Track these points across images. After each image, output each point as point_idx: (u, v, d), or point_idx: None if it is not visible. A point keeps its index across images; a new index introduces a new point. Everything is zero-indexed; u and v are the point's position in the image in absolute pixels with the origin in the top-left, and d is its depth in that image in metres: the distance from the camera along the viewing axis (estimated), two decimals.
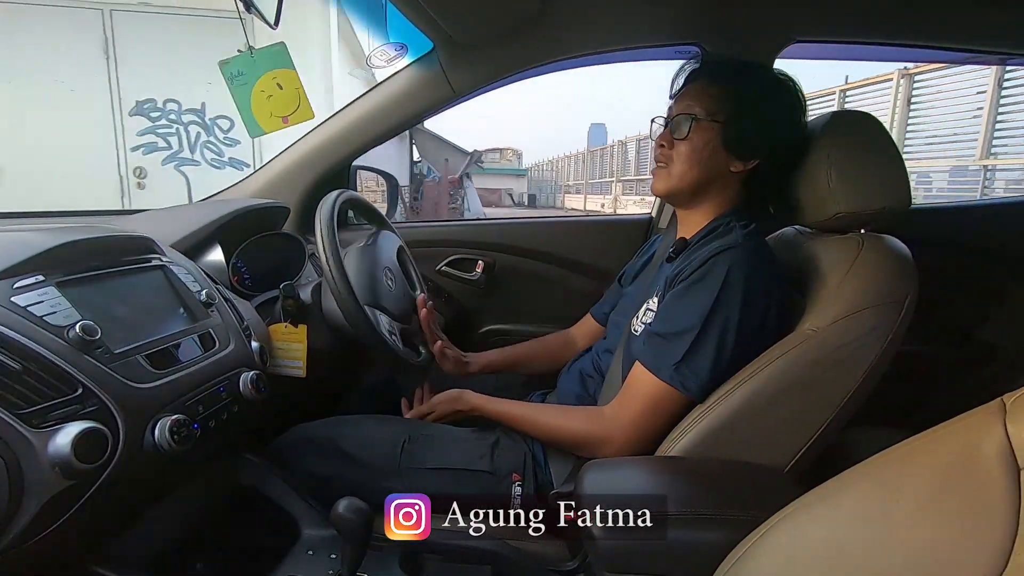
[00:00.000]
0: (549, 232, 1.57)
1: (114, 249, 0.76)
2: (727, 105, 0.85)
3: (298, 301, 0.99)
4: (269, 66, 1.03)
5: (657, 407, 0.80)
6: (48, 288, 0.63)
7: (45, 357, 0.57)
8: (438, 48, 1.24)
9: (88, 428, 0.56)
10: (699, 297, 0.78)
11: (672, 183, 0.89)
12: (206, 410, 0.73)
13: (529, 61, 1.26)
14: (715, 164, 0.86)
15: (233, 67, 1.02)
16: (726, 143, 0.85)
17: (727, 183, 0.88)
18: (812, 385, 0.73)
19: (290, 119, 1.05)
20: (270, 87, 1.04)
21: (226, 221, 1.06)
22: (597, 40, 1.25)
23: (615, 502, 0.64)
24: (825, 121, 0.85)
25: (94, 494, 0.58)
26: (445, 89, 1.27)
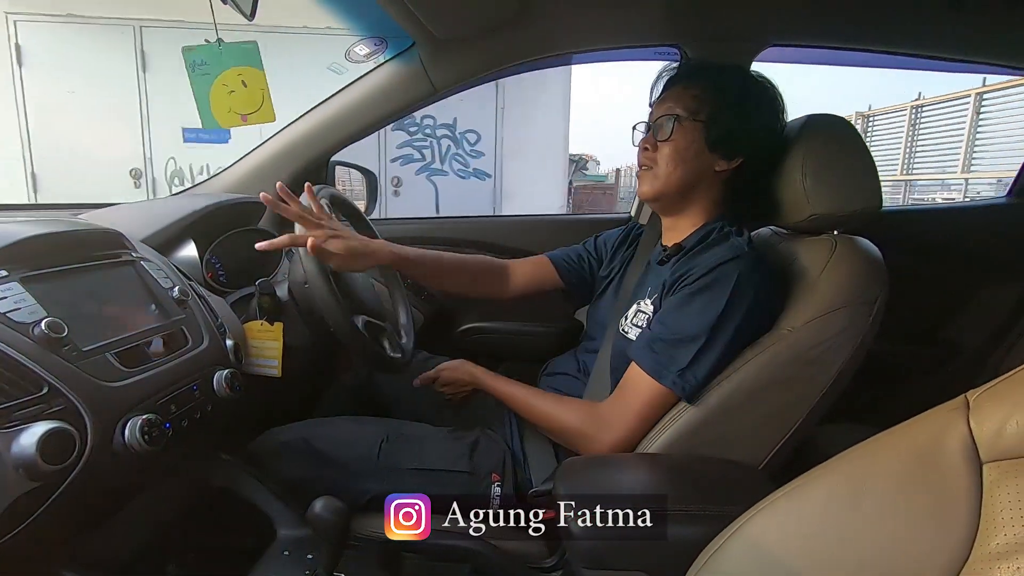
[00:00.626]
0: (530, 230, 1.57)
1: (83, 244, 0.73)
2: (708, 104, 0.85)
3: (274, 298, 0.97)
4: (236, 62, 1.01)
5: (655, 410, 0.79)
6: (12, 284, 0.60)
7: (8, 355, 0.55)
8: (418, 44, 1.23)
9: (54, 428, 0.54)
10: (708, 305, 0.77)
11: (658, 185, 0.88)
12: (178, 409, 0.71)
13: (510, 58, 1.26)
14: (700, 164, 0.86)
15: (196, 55, 0.99)
16: (709, 141, 0.85)
17: (712, 183, 0.88)
18: (787, 383, 0.75)
19: (249, 118, 1.02)
20: (234, 83, 1.01)
21: (200, 216, 1.04)
22: (578, 39, 1.26)
23: (593, 500, 0.64)
24: (800, 124, 0.87)
25: (60, 496, 0.56)
26: (425, 85, 1.26)
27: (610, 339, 0.93)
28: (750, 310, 0.77)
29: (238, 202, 1.16)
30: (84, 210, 1.06)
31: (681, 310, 0.80)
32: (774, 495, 0.52)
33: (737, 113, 0.85)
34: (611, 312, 0.97)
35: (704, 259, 0.81)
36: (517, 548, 0.84)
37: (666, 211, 0.94)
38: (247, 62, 1.02)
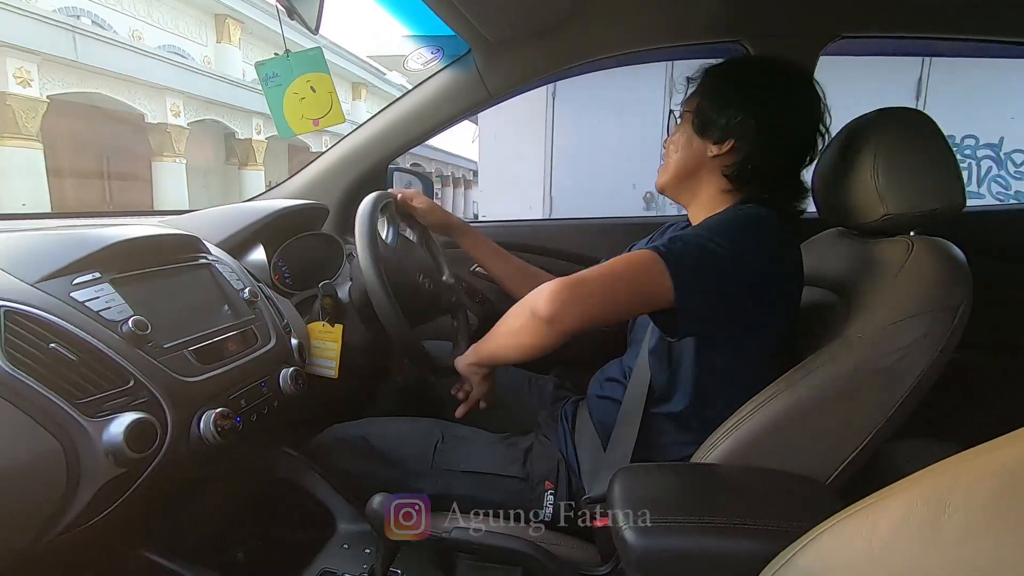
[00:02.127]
0: (583, 232, 1.56)
1: (165, 248, 0.79)
2: (697, 95, 0.90)
3: (335, 300, 1.01)
4: (304, 69, 1.06)
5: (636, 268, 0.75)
6: (104, 284, 0.66)
7: (100, 350, 0.60)
8: (473, 50, 1.25)
9: (139, 419, 0.58)
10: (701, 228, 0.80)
11: (665, 176, 0.94)
12: (248, 404, 0.76)
13: (565, 61, 1.26)
14: (694, 150, 0.89)
15: (268, 69, 1.04)
16: (696, 128, 0.89)
17: (712, 169, 0.89)
18: (856, 394, 0.70)
19: (320, 122, 1.07)
20: (303, 90, 1.06)
21: (268, 221, 1.09)
22: (634, 39, 1.24)
23: (648, 507, 0.63)
24: (871, 119, 0.82)
25: (143, 482, 0.61)
26: (481, 91, 1.28)
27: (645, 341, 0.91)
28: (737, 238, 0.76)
29: (303, 208, 1.21)
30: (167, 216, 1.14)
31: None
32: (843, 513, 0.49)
33: (718, 98, 0.87)
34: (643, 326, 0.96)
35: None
36: (570, 554, 0.83)
37: (680, 200, 0.96)
38: (314, 68, 1.06)
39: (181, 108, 9.59)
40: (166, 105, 9.31)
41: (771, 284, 0.78)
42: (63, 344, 0.57)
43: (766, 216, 0.80)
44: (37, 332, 0.56)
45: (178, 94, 9.41)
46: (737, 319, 0.78)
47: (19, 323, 0.55)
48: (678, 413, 0.84)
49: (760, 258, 0.77)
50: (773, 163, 0.86)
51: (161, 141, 9.52)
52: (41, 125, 7.42)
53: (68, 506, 0.55)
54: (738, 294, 0.76)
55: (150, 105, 9.12)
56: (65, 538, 0.55)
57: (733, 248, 0.75)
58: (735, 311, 0.77)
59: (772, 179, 0.86)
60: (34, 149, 7.49)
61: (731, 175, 0.87)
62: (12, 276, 0.60)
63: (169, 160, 9.65)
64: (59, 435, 0.54)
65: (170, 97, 9.31)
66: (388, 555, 0.73)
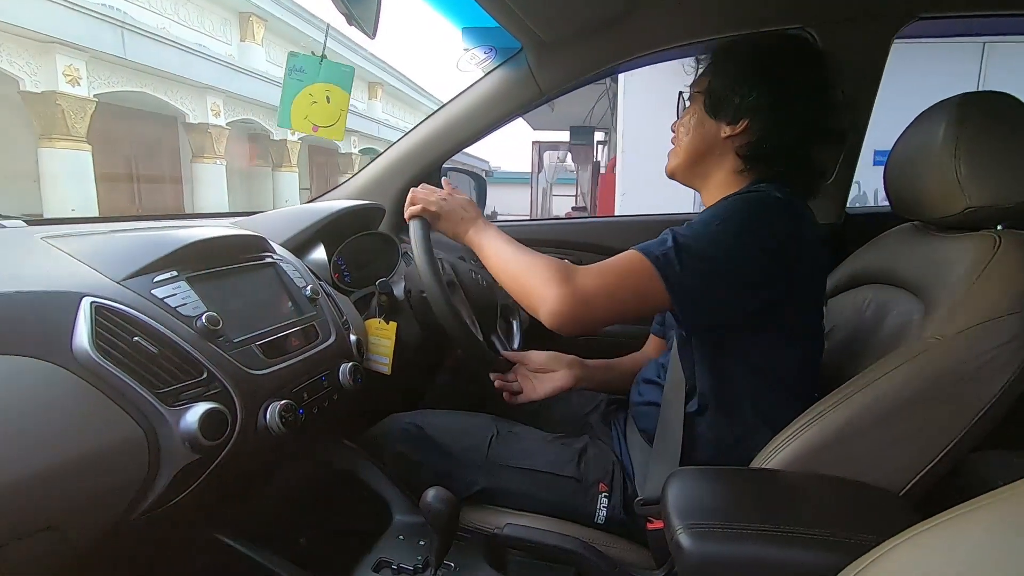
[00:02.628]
0: (636, 230, 1.53)
1: (234, 247, 0.83)
2: (707, 75, 0.88)
3: (392, 297, 1.04)
4: (329, 79, 1.10)
5: (626, 273, 0.74)
6: (181, 283, 0.70)
7: (177, 343, 0.64)
8: (526, 48, 1.25)
9: (212, 408, 0.62)
10: (707, 218, 0.77)
11: (673, 160, 0.92)
12: (310, 397, 0.79)
13: (619, 56, 1.24)
14: (706, 132, 0.87)
15: (298, 62, 1.09)
16: (707, 108, 0.87)
17: (724, 150, 0.87)
18: (935, 400, 0.66)
19: (320, 130, 1.12)
20: (319, 95, 1.10)
21: (328, 221, 1.14)
22: (691, 30, 1.20)
23: (705, 512, 0.61)
24: (953, 103, 0.76)
25: (215, 468, 0.65)
26: (533, 89, 1.28)
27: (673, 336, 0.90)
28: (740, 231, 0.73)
29: (361, 208, 1.25)
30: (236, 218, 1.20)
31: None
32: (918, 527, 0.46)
33: (729, 77, 0.85)
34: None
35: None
36: (623, 556, 0.82)
37: (692, 185, 0.94)
38: (338, 82, 1.11)
39: (221, 107, 9.47)
40: (207, 104, 9.16)
41: (780, 269, 0.74)
42: (145, 337, 0.61)
43: (772, 198, 0.77)
44: (122, 326, 0.60)
45: (219, 93, 9.26)
46: (746, 307, 0.76)
47: (107, 317, 0.59)
48: (713, 411, 0.82)
49: (763, 245, 0.73)
50: (787, 141, 0.83)
51: (201, 142, 9.38)
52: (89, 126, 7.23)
53: (150, 488, 0.59)
54: (740, 283, 0.74)
55: (191, 104, 8.95)
56: (148, 517, 0.59)
57: (730, 238, 0.73)
58: (741, 300, 0.75)
59: (786, 158, 0.84)
60: (83, 151, 7.29)
61: (745, 155, 0.84)
62: (101, 274, 0.65)
63: (209, 161, 9.51)
64: (142, 422, 0.58)
65: (211, 96, 9.16)
66: (442, 548, 0.74)
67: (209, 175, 9.72)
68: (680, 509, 0.61)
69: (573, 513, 0.86)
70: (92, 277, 0.65)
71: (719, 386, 0.81)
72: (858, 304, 0.92)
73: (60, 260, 0.67)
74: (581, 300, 0.73)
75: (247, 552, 0.74)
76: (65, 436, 0.52)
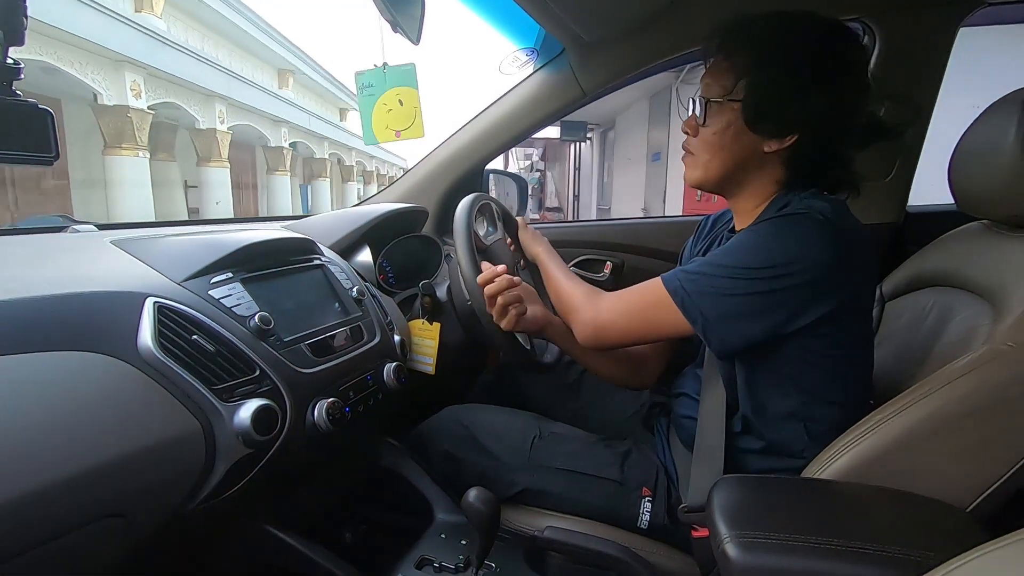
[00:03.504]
0: (677, 231, 1.50)
1: (285, 250, 0.86)
2: (743, 78, 0.73)
3: (434, 299, 1.05)
4: (396, 83, 1.12)
5: (645, 301, 0.78)
6: (235, 284, 0.73)
7: (232, 342, 0.67)
8: (568, 50, 1.24)
9: (264, 405, 0.64)
10: (739, 243, 0.73)
11: (699, 173, 0.81)
12: (356, 396, 0.81)
13: (662, 53, 1.22)
14: (742, 147, 0.76)
15: (366, 79, 1.12)
16: (749, 122, 0.74)
17: (765, 163, 0.77)
18: (1006, 411, 0.61)
19: (402, 134, 1.14)
20: (392, 102, 1.13)
21: (374, 224, 1.16)
22: None
23: (754, 522, 0.59)
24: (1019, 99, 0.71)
25: (267, 462, 0.67)
26: (575, 90, 1.28)
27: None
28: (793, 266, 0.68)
29: (405, 211, 1.27)
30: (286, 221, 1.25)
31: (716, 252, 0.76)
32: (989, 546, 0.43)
33: (778, 85, 0.72)
34: None
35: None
36: (666, 564, 0.80)
37: (724, 196, 0.85)
38: (405, 82, 1.13)
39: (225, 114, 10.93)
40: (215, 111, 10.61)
41: (823, 297, 0.69)
42: (203, 336, 0.64)
43: (818, 221, 0.69)
44: (183, 325, 0.63)
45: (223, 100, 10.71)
46: (781, 332, 0.71)
47: (168, 317, 0.63)
48: (757, 429, 0.78)
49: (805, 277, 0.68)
50: (840, 148, 0.76)
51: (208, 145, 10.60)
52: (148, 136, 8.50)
53: (207, 480, 0.62)
54: (774, 313, 0.70)
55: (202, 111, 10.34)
56: (205, 507, 0.62)
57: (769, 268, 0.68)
58: (776, 328, 0.70)
59: (834, 164, 0.77)
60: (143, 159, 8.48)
61: (793, 167, 0.77)
62: (163, 275, 0.69)
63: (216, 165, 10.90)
64: (199, 416, 0.61)
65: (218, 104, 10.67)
66: (483, 548, 0.74)
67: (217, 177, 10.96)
68: (727, 518, 0.59)
69: (615, 517, 0.85)
70: (155, 278, 0.68)
71: (761, 405, 0.78)
72: (919, 308, 0.87)
73: (126, 262, 0.71)
74: (600, 327, 0.82)
75: (295, 544, 0.77)
76: (131, 428, 0.55)
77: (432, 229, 1.41)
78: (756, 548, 0.56)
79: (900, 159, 1.18)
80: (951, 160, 0.80)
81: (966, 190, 0.79)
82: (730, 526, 0.58)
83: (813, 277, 0.68)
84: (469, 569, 0.77)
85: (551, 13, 1.06)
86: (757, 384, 0.78)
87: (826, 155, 0.76)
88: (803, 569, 0.55)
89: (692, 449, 0.83)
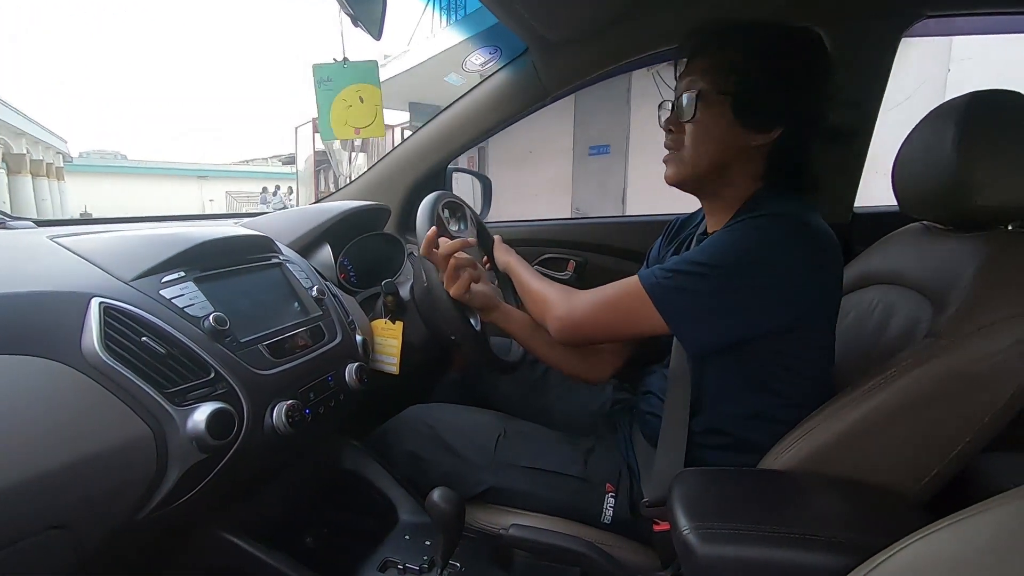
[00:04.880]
0: (641, 231, 1.53)
1: (241, 248, 0.84)
2: (734, 73, 0.76)
3: (397, 298, 1.04)
4: (357, 79, 1.10)
5: (620, 298, 0.79)
6: (188, 283, 0.71)
7: (185, 343, 0.64)
8: (531, 49, 1.25)
9: (219, 408, 0.62)
10: (713, 243, 0.74)
11: (685, 169, 0.81)
12: (316, 397, 0.79)
13: (625, 54, 1.24)
14: (731, 141, 0.78)
15: (324, 72, 1.09)
16: (739, 115, 0.76)
17: (749, 158, 0.79)
18: (943, 402, 0.65)
19: (362, 132, 1.12)
20: (352, 98, 1.11)
21: (334, 222, 1.14)
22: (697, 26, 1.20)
23: (712, 513, 0.61)
24: (963, 102, 0.75)
25: (223, 468, 0.65)
26: (538, 89, 1.28)
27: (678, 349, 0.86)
28: (767, 267, 0.70)
29: (367, 208, 1.25)
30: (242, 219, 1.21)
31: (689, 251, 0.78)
32: (928, 528, 0.46)
33: (769, 79, 0.75)
34: None
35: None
36: (629, 558, 0.82)
37: (700, 195, 0.87)
38: (366, 79, 1.11)
39: None
40: None
41: (796, 300, 0.72)
42: (153, 338, 0.61)
43: (796, 226, 0.72)
44: (131, 326, 0.60)
45: None
46: (751, 334, 0.74)
47: (115, 318, 0.60)
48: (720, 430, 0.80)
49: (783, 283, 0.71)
50: (813, 145, 0.80)
51: None
52: None
53: (158, 487, 0.59)
54: (747, 313, 0.72)
55: None
56: (157, 515, 0.60)
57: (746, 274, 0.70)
58: (749, 328, 0.73)
59: (807, 160, 0.80)
60: None
61: (774, 164, 0.79)
62: (109, 274, 0.66)
63: None
64: (150, 421, 0.58)
65: None
66: (448, 548, 0.74)
67: None
68: (687, 510, 0.61)
69: (579, 513, 0.86)
70: (101, 278, 0.65)
71: (727, 404, 0.80)
72: (865, 305, 0.91)
73: (69, 260, 0.68)
74: (574, 324, 0.83)
75: (254, 551, 0.75)
76: (74, 435, 0.52)
77: (395, 227, 1.39)
78: (715, 539, 0.58)
79: (848, 162, 1.24)
80: (894, 164, 0.84)
81: (907, 192, 0.83)
82: (689, 517, 0.59)
83: (789, 278, 0.71)
84: (434, 570, 0.77)
85: (514, 12, 1.06)
86: (725, 384, 0.79)
87: (803, 151, 0.80)
88: (760, 557, 0.57)
89: (656, 445, 0.84)
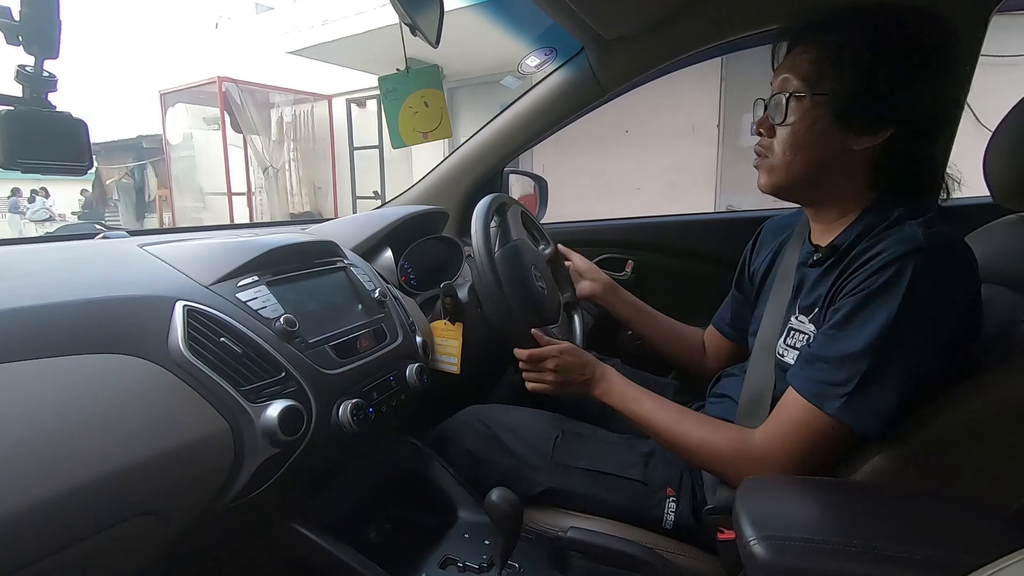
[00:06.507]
0: (701, 230, 1.48)
1: (309, 253, 0.88)
2: (831, 69, 0.68)
3: (456, 300, 1.06)
4: (420, 85, 1.13)
5: (821, 443, 0.67)
6: (261, 286, 0.75)
7: (259, 343, 0.68)
8: (587, 48, 1.24)
9: (290, 405, 0.65)
10: (874, 314, 0.63)
11: (776, 177, 0.74)
12: (379, 396, 0.82)
13: (683, 49, 1.20)
14: (829, 146, 0.70)
15: (389, 83, 1.13)
16: (837, 118, 0.68)
17: (853, 164, 0.71)
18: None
19: (430, 135, 1.14)
20: (417, 104, 1.13)
21: (395, 226, 1.17)
22: (758, 18, 1.14)
23: (782, 524, 0.58)
24: None
25: (293, 462, 0.68)
26: (594, 88, 1.27)
27: (761, 360, 0.81)
28: (936, 316, 0.62)
29: (425, 213, 1.28)
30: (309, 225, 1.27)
31: (844, 324, 0.66)
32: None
33: (873, 75, 0.66)
34: (764, 330, 0.84)
35: (869, 261, 0.66)
36: (691, 565, 0.79)
37: (801, 203, 0.80)
38: (429, 84, 1.13)
39: None
40: None
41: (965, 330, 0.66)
42: (231, 338, 0.65)
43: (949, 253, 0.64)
44: (211, 327, 0.65)
45: None
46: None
47: (197, 319, 0.64)
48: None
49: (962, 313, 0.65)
50: (934, 146, 0.71)
51: None
52: None
53: (235, 479, 0.63)
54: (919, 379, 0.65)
55: None
56: (234, 505, 0.64)
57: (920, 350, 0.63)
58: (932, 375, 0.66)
59: (927, 165, 0.72)
60: None
61: (886, 170, 0.71)
62: (191, 279, 0.71)
63: None
64: (228, 416, 0.62)
65: None
66: (507, 548, 0.74)
67: None
68: (755, 519, 0.58)
69: (639, 518, 0.84)
70: (184, 282, 0.70)
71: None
72: None
73: (157, 267, 0.73)
74: (768, 471, 0.71)
75: (323, 543, 0.78)
76: (163, 427, 0.57)
77: (453, 230, 1.42)
78: (785, 551, 0.55)
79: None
80: (986, 152, 0.78)
81: (1002, 183, 0.76)
82: (757, 527, 0.57)
83: (967, 317, 0.66)
84: (492, 569, 0.78)
85: (568, 12, 1.06)
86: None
87: (921, 154, 0.71)
88: (833, 571, 0.54)
89: None
